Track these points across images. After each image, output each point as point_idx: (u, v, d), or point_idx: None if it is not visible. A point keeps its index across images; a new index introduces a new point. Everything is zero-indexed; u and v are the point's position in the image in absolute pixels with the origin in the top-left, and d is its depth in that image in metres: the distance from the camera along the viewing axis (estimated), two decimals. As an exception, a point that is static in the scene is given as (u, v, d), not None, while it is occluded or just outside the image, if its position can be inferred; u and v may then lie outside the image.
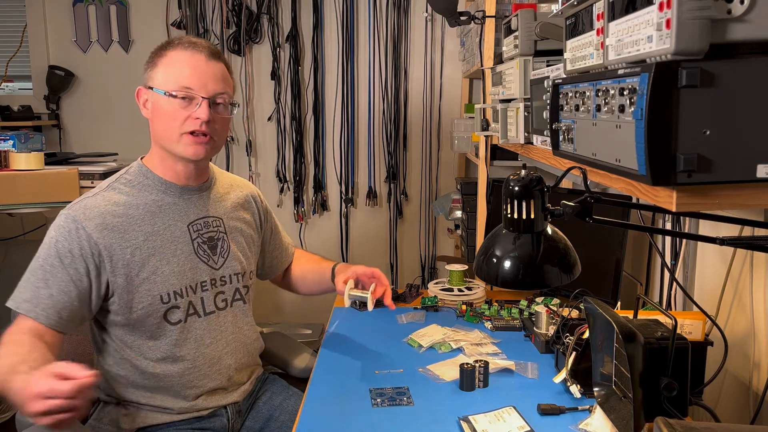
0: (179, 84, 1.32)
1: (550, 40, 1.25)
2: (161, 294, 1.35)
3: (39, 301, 1.26)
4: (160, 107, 1.34)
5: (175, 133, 1.33)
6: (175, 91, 1.31)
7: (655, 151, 0.63)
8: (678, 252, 1.45)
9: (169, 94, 1.31)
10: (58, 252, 1.29)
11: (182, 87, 1.32)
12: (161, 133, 1.35)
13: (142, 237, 1.34)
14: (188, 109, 1.32)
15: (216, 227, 1.46)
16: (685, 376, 1.02)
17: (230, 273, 1.46)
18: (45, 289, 1.27)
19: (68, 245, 1.29)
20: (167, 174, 1.40)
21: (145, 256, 1.34)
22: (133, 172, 1.41)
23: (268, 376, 1.63)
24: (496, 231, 1.07)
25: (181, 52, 1.34)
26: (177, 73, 1.33)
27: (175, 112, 1.32)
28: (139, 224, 1.35)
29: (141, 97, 1.38)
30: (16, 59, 3.30)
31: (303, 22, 3.22)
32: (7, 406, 2.58)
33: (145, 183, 1.39)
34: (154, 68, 1.36)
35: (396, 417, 1.23)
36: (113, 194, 1.36)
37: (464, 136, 2.67)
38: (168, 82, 1.33)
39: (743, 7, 0.61)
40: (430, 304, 1.85)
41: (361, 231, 3.38)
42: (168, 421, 1.38)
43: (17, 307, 1.27)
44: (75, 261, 1.28)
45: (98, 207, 1.33)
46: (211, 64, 1.35)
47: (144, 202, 1.37)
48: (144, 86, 1.38)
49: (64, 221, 1.31)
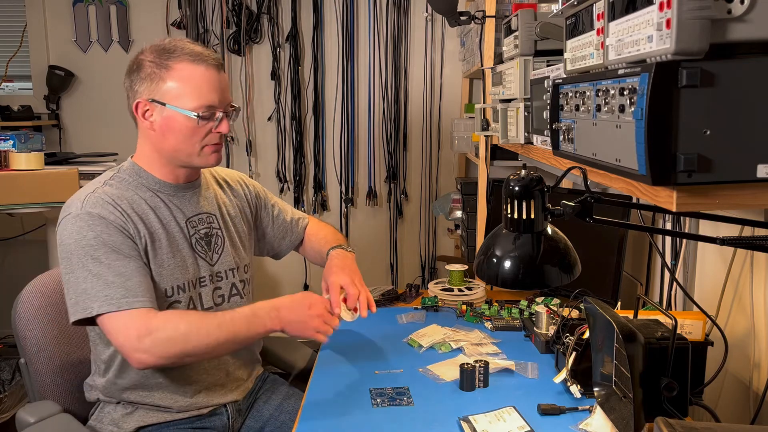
0: (203, 103, 1.31)
1: (550, 40, 1.25)
2: (166, 288, 1.35)
3: (135, 291, 1.24)
4: (177, 124, 1.31)
5: (195, 148, 1.34)
6: (201, 111, 1.31)
7: (655, 151, 0.63)
8: (678, 252, 1.45)
9: (198, 115, 1.30)
10: (114, 248, 1.26)
11: (206, 106, 1.31)
12: (177, 147, 1.34)
13: (150, 229, 1.34)
14: (209, 124, 1.33)
15: (209, 223, 1.46)
16: (685, 376, 1.02)
17: (225, 268, 1.47)
18: (130, 280, 1.25)
19: (117, 239, 1.27)
20: (165, 175, 1.40)
21: (155, 248, 1.34)
22: (127, 171, 1.39)
23: (268, 376, 1.63)
24: (496, 231, 1.07)
25: (191, 66, 1.31)
26: (196, 91, 1.30)
27: (196, 129, 1.32)
28: (143, 219, 1.34)
29: (141, 109, 1.33)
30: (16, 59, 3.30)
31: (303, 22, 3.23)
32: (7, 406, 2.58)
33: (140, 182, 1.38)
34: (160, 81, 1.31)
35: (396, 417, 1.23)
36: (112, 190, 1.34)
37: (464, 136, 2.67)
38: (188, 101, 1.30)
39: (743, 7, 0.61)
40: (430, 304, 1.85)
41: (361, 231, 3.38)
42: (168, 420, 1.38)
43: (118, 306, 1.22)
44: (131, 249, 1.28)
45: (109, 201, 1.30)
46: (221, 76, 1.36)
47: (142, 198, 1.37)
48: (146, 99, 1.32)
49: (91, 220, 1.26)
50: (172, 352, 1.24)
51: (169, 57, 1.31)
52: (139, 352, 1.22)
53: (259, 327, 1.30)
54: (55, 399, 1.42)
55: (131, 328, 1.22)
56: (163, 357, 1.24)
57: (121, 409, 1.38)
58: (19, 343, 1.42)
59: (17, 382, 2.67)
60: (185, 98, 1.30)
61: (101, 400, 1.40)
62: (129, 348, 1.23)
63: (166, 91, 1.31)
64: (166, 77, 1.30)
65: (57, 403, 1.34)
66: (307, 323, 1.31)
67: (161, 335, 1.22)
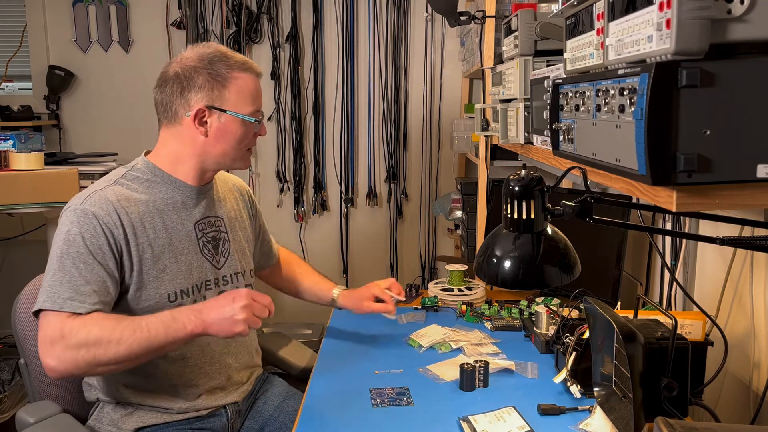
0: (255, 108, 1.40)
1: (550, 40, 1.25)
2: (168, 292, 1.34)
3: (85, 297, 1.22)
4: (233, 128, 1.37)
5: (241, 151, 1.41)
6: (254, 116, 1.39)
7: (655, 151, 0.63)
8: (678, 252, 1.45)
9: (255, 120, 1.39)
10: (89, 248, 1.25)
11: (257, 111, 1.41)
12: (226, 151, 1.39)
13: (153, 234, 1.34)
14: (254, 129, 1.42)
15: (218, 227, 1.47)
16: (685, 376, 1.02)
17: (231, 272, 1.47)
18: (86, 286, 1.23)
19: (97, 242, 1.26)
20: (189, 177, 1.40)
21: (156, 253, 1.33)
22: (140, 169, 1.40)
23: (268, 376, 1.63)
24: (496, 231, 1.07)
25: (248, 77, 1.39)
26: (251, 97, 1.39)
27: (248, 133, 1.40)
28: (150, 221, 1.34)
29: (198, 116, 1.35)
30: (16, 59, 3.30)
31: (303, 22, 3.22)
32: (7, 406, 2.58)
33: (154, 180, 1.38)
34: (222, 89, 1.35)
35: (396, 417, 1.23)
36: (122, 189, 1.34)
37: (464, 136, 2.67)
38: (246, 106, 1.38)
39: (743, 7, 0.61)
40: (430, 304, 1.85)
41: (361, 231, 3.38)
42: (167, 421, 1.38)
43: (61, 307, 1.20)
44: (106, 257, 1.27)
45: (112, 202, 1.30)
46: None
47: (153, 200, 1.36)
48: (206, 106, 1.34)
49: (83, 217, 1.27)
50: (82, 360, 1.17)
51: (223, 66, 1.36)
52: (48, 356, 1.18)
53: (179, 331, 1.21)
54: (55, 399, 1.42)
55: (47, 329, 1.19)
56: (72, 365, 1.18)
57: (121, 410, 1.38)
58: (19, 343, 1.42)
59: (17, 382, 2.67)
60: (243, 105, 1.37)
61: (101, 400, 1.40)
62: (41, 352, 1.19)
63: (227, 98, 1.36)
64: (227, 85, 1.36)
65: (57, 404, 1.34)
66: (233, 317, 1.20)
67: (71, 341, 1.17)
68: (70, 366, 1.18)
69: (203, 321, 1.22)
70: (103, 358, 1.18)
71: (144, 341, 1.19)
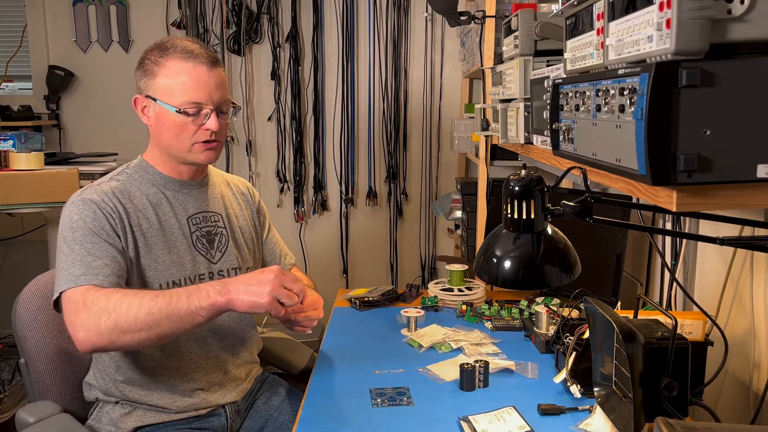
0: (187, 99, 1.32)
1: (550, 40, 1.25)
2: (161, 283, 1.36)
3: (98, 270, 1.23)
4: (167, 120, 1.34)
5: (185, 144, 1.36)
6: (185, 107, 1.32)
7: (655, 151, 0.63)
8: (678, 252, 1.45)
9: (180, 110, 1.32)
10: (93, 230, 1.27)
11: (191, 103, 1.32)
12: (169, 143, 1.37)
13: (147, 225, 1.37)
14: (197, 121, 1.34)
15: (214, 222, 1.48)
16: (685, 376, 1.02)
17: (228, 267, 1.47)
18: (97, 260, 1.24)
19: (99, 224, 1.28)
20: (169, 171, 1.43)
21: (149, 243, 1.36)
22: (134, 167, 1.44)
23: (268, 376, 1.63)
24: (496, 231, 1.07)
25: (181, 63, 1.32)
26: (182, 87, 1.32)
27: (185, 126, 1.34)
28: (144, 212, 1.37)
29: (139, 104, 1.38)
30: (16, 59, 3.30)
31: (303, 22, 3.22)
32: (7, 406, 2.58)
33: (145, 177, 1.42)
34: (153, 78, 1.34)
35: (396, 417, 1.23)
36: (116, 184, 1.38)
37: (464, 136, 2.67)
38: (174, 97, 1.32)
39: (743, 7, 0.61)
40: (430, 304, 1.85)
41: (361, 231, 3.38)
42: (166, 420, 1.38)
43: (77, 283, 1.20)
44: (111, 236, 1.29)
45: (107, 193, 1.34)
46: (213, 73, 1.35)
47: (145, 194, 1.40)
48: (141, 95, 1.37)
49: (82, 205, 1.30)
50: (104, 327, 1.15)
51: (162, 54, 1.35)
52: (76, 328, 1.17)
53: (202, 300, 1.17)
54: (55, 399, 1.42)
55: (70, 305, 1.19)
56: (95, 333, 1.15)
57: (120, 409, 1.38)
58: (19, 343, 1.42)
59: (17, 382, 2.67)
60: (172, 94, 1.33)
61: (100, 400, 1.41)
62: (70, 326, 1.19)
63: (154, 86, 1.35)
64: (158, 73, 1.34)
65: (56, 403, 1.35)
66: (261, 287, 1.16)
67: (93, 309, 1.17)
68: (93, 335, 1.16)
69: (228, 291, 1.17)
70: (124, 323, 1.15)
71: (165, 306, 1.16)
